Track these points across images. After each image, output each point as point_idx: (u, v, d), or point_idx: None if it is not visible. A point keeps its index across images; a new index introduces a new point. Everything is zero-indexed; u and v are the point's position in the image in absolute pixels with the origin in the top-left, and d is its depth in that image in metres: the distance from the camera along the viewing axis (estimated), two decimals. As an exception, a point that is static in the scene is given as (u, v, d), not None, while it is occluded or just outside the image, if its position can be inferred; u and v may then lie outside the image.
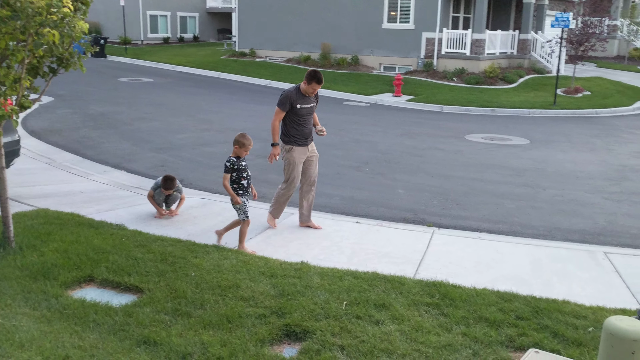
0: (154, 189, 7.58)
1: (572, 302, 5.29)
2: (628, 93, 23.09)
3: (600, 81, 25.40)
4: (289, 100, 7.01)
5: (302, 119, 7.14)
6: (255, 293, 5.06)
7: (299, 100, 7.05)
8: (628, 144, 14.37)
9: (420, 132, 15.33)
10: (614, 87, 24.28)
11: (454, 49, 25.52)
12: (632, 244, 7.40)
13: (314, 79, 6.93)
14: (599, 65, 31.05)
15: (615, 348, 3.82)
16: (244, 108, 18.23)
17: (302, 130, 7.18)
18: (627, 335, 3.79)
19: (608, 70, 29.66)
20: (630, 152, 13.24)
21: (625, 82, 25.62)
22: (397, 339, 4.39)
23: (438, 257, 6.51)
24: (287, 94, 7.06)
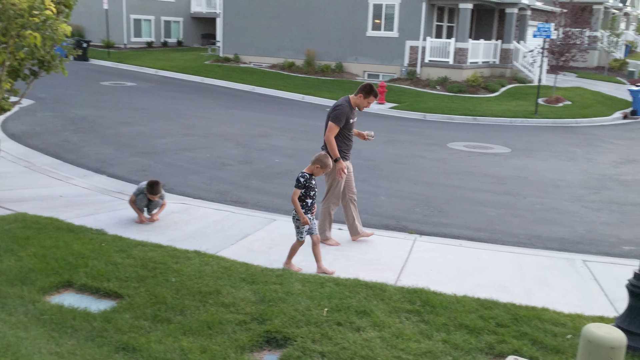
0: (136, 194, 7.50)
1: (551, 309, 5.33)
2: (608, 103, 23.43)
3: (581, 91, 25.75)
4: (345, 115, 6.80)
5: (350, 132, 7.00)
6: (236, 299, 5.04)
7: (351, 114, 6.90)
8: (607, 153, 14.56)
9: (403, 139, 15.40)
10: (594, 97, 24.63)
11: (438, 58, 25.72)
12: (610, 252, 7.48)
13: (371, 92, 6.82)
14: (579, 76, 31.48)
15: (593, 355, 3.85)
16: (228, 113, 18.19)
17: (349, 144, 7.04)
18: (604, 342, 3.83)
19: (588, 80, 30.08)
20: (609, 162, 13.42)
21: (605, 92, 26.00)
22: (378, 345, 4.39)
23: (420, 264, 6.53)
24: (342, 109, 6.81)
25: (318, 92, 23.52)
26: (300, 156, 12.48)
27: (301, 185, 5.97)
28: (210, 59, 32.34)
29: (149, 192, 7.40)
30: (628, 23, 52.35)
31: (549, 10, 31.73)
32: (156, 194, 7.43)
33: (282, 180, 10.47)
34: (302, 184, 5.97)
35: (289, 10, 29.12)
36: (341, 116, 6.79)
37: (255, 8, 30.21)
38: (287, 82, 25.59)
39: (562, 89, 24.83)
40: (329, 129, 6.81)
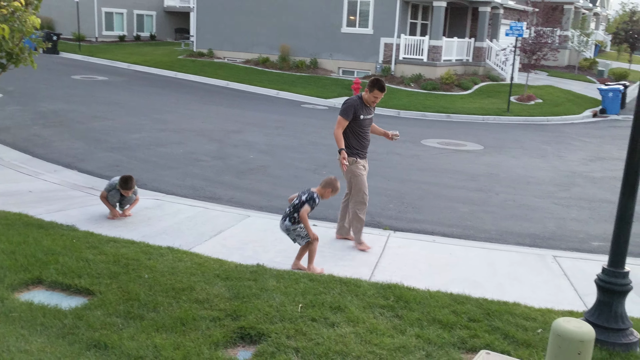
0: (108, 190, 7.38)
1: (522, 304, 5.42)
2: (578, 102, 23.86)
3: (552, 89, 26.17)
4: (353, 109, 6.66)
5: (364, 130, 6.83)
6: (210, 295, 5.00)
7: (362, 110, 6.73)
8: (577, 151, 14.83)
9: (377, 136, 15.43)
10: (565, 95, 25.05)
11: (412, 55, 25.87)
12: (579, 248, 7.63)
13: (375, 86, 6.62)
14: (550, 74, 31.97)
15: (563, 349, 3.92)
16: (201, 109, 18.04)
17: (364, 142, 6.88)
18: (573, 336, 3.90)
19: (559, 79, 30.58)
20: (579, 159, 13.67)
21: (576, 91, 26.47)
22: (352, 341, 4.40)
23: (393, 260, 6.58)
24: (351, 102, 6.71)
25: (293, 87, 23.48)
26: (275, 152, 12.45)
27: (314, 206, 5.94)
28: (183, 53, 32.04)
29: (122, 187, 7.29)
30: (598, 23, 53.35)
31: (521, 9, 32.14)
32: (129, 189, 7.33)
33: (256, 176, 10.44)
34: (315, 205, 5.95)
35: (263, 5, 28.99)
36: (348, 110, 6.67)
37: (230, 3, 30.01)
38: (261, 77, 25.49)
39: (533, 87, 25.20)
40: (337, 122, 6.73)
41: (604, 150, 15.16)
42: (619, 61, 40.56)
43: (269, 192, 9.48)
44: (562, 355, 3.93)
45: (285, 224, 5.99)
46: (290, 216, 5.95)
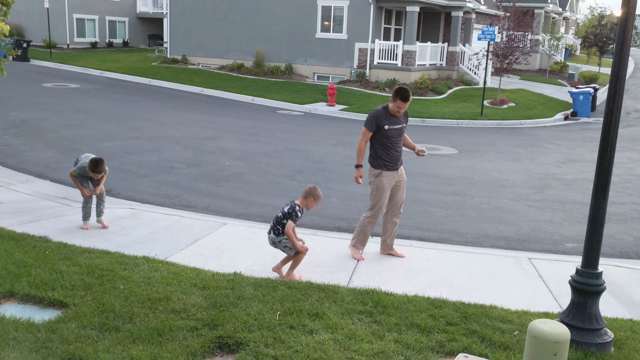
0: (78, 172, 7.22)
1: (499, 307, 5.47)
2: (550, 105, 24.23)
3: (524, 93, 26.55)
4: (376, 120, 6.51)
5: (391, 140, 6.63)
6: (187, 305, 4.95)
7: (387, 120, 6.54)
8: (550, 153, 15.05)
9: (354, 141, 15.47)
10: (537, 99, 25.43)
11: (386, 60, 26.03)
12: (553, 250, 7.73)
13: (398, 96, 6.45)
14: (522, 78, 32.44)
15: (539, 350, 3.96)
16: (176, 116, 17.90)
17: (392, 153, 6.66)
18: (549, 337, 3.95)
19: (531, 82, 31.05)
20: (552, 162, 13.87)
21: (547, 94, 26.88)
22: (331, 347, 4.39)
23: (371, 265, 6.59)
24: (374, 113, 6.57)
25: (268, 93, 23.44)
26: (251, 159, 12.41)
27: (297, 220, 5.90)
28: (157, 60, 31.79)
29: (93, 170, 7.07)
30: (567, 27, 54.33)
31: (493, 14, 32.58)
32: (100, 172, 7.15)
33: (232, 183, 10.38)
34: (299, 218, 5.91)
35: (237, 11, 28.92)
36: (371, 120, 6.53)
37: (203, 8, 29.88)
38: (236, 83, 25.40)
39: (506, 91, 25.53)
40: (361, 133, 6.64)
41: (576, 152, 15.41)
42: (588, 64, 41.34)
43: (245, 199, 9.43)
44: (538, 357, 3.98)
45: (271, 236, 5.97)
46: (274, 228, 5.92)
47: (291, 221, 5.85)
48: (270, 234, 5.98)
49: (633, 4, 4.46)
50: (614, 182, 10.91)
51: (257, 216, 8.56)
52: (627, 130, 19.30)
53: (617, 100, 4.57)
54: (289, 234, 5.84)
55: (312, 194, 5.99)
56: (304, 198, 6.00)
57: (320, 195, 6.06)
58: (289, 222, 5.85)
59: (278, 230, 5.90)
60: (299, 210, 5.92)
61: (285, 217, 5.88)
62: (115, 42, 40.30)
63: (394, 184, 6.78)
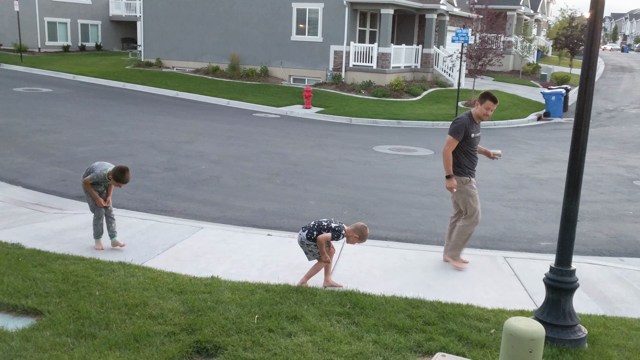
0: (95, 180, 6.56)
1: (475, 305, 5.53)
2: (523, 105, 24.57)
3: (498, 94, 26.77)
4: (464, 128, 6.51)
5: (473, 148, 6.70)
6: (164, 310, 4.92)
7: (472, 128, 6.60)
8: (524, 153, 15.26)
9: (330, 143, 15.55)
10: (510, 100, 25.76)
11: (361, 62, 26.14)
12: (528, 248, 7.84)
13: (487, 97, 6.55)
14: (496, 79, 32.85)
15: (515, 348, 4.02)
16: (151, 120, 17.75)
17: (474, 160, 6.75)
18: (525, 335, 4.00)
19: (504, 83, 31.45)
20: (526, 162, 14.07)
21: (520, 95, 27.26)
22: (310, 350, 4.40)
23: (349, 267, 6.61)
24: (461, 122, 6.55)
25: (244, 96, 23.37)
26: (227, 162, 12.36)
27: (335, 240, 5.87)
28: (131, 63, 31.49)
29: (119, 179, 6.41)
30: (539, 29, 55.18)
31: (466, 16, 32.95)
32: (126, 182, 6.51)
33: (208, 187, 10.32)
34: (336, 240, 5.89)
35: (212, 14, 28.79)
36: (459, 129, 6.51)
37: (177, 12, 29.68)
38: (211, 86, 25.27)
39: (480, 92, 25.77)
40: (447, 142, 6.56)
41: (549, 152, 15.65)
42: (560, 65, 42.04)
43: (222, 202, 9.39)
44: (514, 354, 4.03)
45: (302, 235, 5.89)
46: (310, 231, 5.84)
47: (329, 234, 5.79)
48: (305, 232, 5.87)
49: (601, 7, 4.55)
50: (586, 181, 11.12)
51: (234, 220, 8.53)
52: (599, 130, 19.66)
53: (587, 100, 4.65)
54: (321, 243, 5.79)
55: (360, 232, 5.90)
56: (353, 230, 5.92)
57: (367, 237, 5.96)
58: (327, 234, 5.79)
59: (312, 234, 5.83)
60: (343, 234, 5.88)
61: (328, 230, 5.83)
62: (87, 45, 39.83)
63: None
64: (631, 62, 54.65)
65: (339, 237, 5.87)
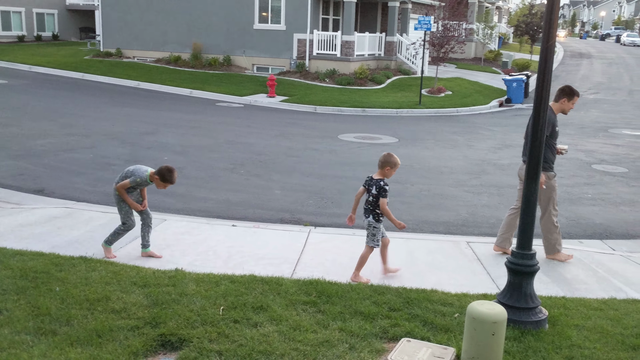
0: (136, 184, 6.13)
1: (440, 290, 5.60)
2: (485, 92, 24.89)
3: (460, 81, 27.17)
4: (552, 123, 6.53)
5: (556, 142, 6.74)
6: (127, 304, 4.84)
7: (556, 122, 6.67)
8: (486, 140, 15.48)
9: (295, 132, 15.50)
10: (473, 87, 26.08)
11: (325, 51, 26.08)
12: (490, 233, 7.96)
13: (574, 93, 6.64)
14: (458, 67, 33.18)
15: (478, 331, 4.09)
16: (112, 111, 17.40)
17: (555, 154, 6.77)
18: (487, 318, 4.07)
19: (467, 71, 31.79)
20: (488, 148, 14.27)
21: (482, 82, 27.60)
22: (276, 339, 4.39)
23: (315, 256, 6.61)
24: (549, 117, 6.41)
25: (207, 86, 23.10)
26: (191, 153, 12.21)
27: (386, 193, 5.75)
28: (90, 53, 30.77)
29: (168, 180, 6.08)
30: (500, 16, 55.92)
31: (429, 3, 33.14)
32: (174, 182, 6.20)
33: (172, 178, 10.17)
34: (387, 192, 5.76)
35: (173, 2, 28.30)
36: (548, 124, 6.25)
37: (137, 0, 29.08)
38: (173, 76, 24.90)
39: (443, 80, 26.05)
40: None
41: (510, 138, 15.90)
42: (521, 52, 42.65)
43: (185, 194, 9.28)
44: (477, 337, 4.10)
45: (369, 220, 5.83)
46: (373, 213, 5.80)
47: (383, 198, 5.70)
48: (369, 217, 5.81)
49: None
50: (546, 165, 11.34)
51: (198, 211, 8.44)
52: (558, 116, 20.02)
53: (546, 87, 4.73)
54: (385, 210, 5.71)
55: (388, 162, 5.79)
56: (381, 168, 5.82)
57: (397, 161, 5.85)
58: (381, 200, 5.70)
59: (377, 214, 5.77)
60: (385, 185, 5.76)
61: (376, 197, 5.73)
62: (44, 35, 38.78)
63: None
64: (589, 48, 55.87)
65: (385, 188, 5.75)
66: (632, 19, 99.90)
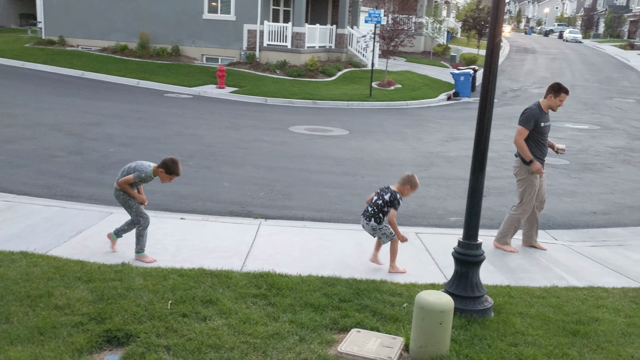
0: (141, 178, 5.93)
1: (389, 281, 5.67)
2: (434, 86, 25.28)
3: (410, 75, 27.49)
4: (534, 118, 6.73)
5: (544, 137, 6.87)
6: (71, 300, 4.70)
7: (542, 117, 6.78)
8: (434, 132, 15.73)
9: (245, 124, 15.37)
10: (422, 80, 26.43)
11: (276, 42, 25.92)
12: (438, 224, 8.11)
13: (562, 89, 6.70)
14: (408, 60, 33.57)
15: (426, 320, 4.15)
16: (55, 101, 16.83)
17: (543, 150, 6.91)
18: (434, 307, 4.14)
19: (416, 64, 32.20)
20: (436, 141, 14.51)
21: (431, 75, 28.01)
22: (225, 333, 4.35)
23: (265, 248, 6.58)
24: (531, 112, 6.77)
25: (154, 76, 22.62)
26: (138, 144, 11.94)
27: (399, 206, 5.92)
28: (31, 41, 29.61)
29: (173, 171, 5.87)
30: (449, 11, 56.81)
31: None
32: (180, 174, 5.97)
33: (118, 170, 9.91)
34: (400, 205, 5.91)
35: (119, -10, 27.52)
36: (529, 118, 6.74)
37: (82, -13, 28.15)
38: (120, 66, 24.27)
39: (393, 73, 26.31)
40: (518, 132, 6.79)
41: (458, 131, 16.22)
42: (468, 47, 43.53)
43: (133, 186, 9.06)
44: (425, 326, 4.17)
45: (372, 224, 6.00)
46: (376, 216, 5.96)
47: (394, 209, 5.89)
48: (371, 221, 5.99)
49: (503, -11, 4.70)
50: (491, 158, 11.62)
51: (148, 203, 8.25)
52: (504, 109, 20.56)
53: (491, 81, 4.82)
54: (393, 222, 5.89)
55: (410, 181, 6.00)
56: (402, 185, 6.01)
57: (418, 184, 6.07)
58: (392, 210, 5.89)
59: (380, 218, 5.95)
60: (400, 199, 5.94)
61: (386, 205, 5.91)
62: (-18, 21, 37.08)
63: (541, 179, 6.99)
64: (534, 44, 57.50)
65: (399, 202, 5.94)
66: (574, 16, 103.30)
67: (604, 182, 11.07)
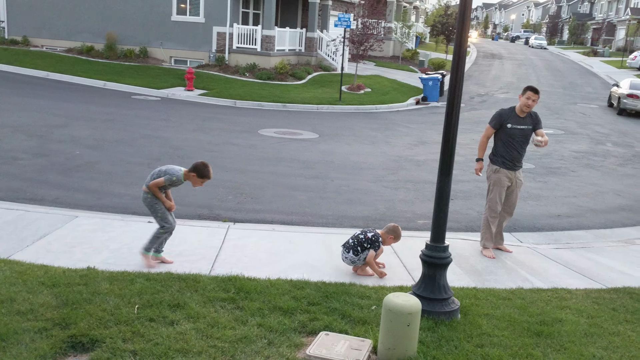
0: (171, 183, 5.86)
1: (357, 284, 5.69)
2: (402, 90, 25.51)
3: (379, 79, 27.69)
4: (501, 118, 6.89)
5: (513, 140, 6.89)
6: (34, 305, 4.60)
7: (511, 119, 6.85)
8: (403, 136, 15.87)
9: (214, 127, 15.27)
10: (391, 84, 26.65)
11: (245, 45, 25.83)
12: (407, 227, 8.15)
13: (527, 88, 6.83)
14: (377, 64, 33.81)
15: (394, 322, 4.18)
16: (18, 102, 16.46)
17: (512, 152, 6.92)
18: (402, 309, 4.18)
19: (385, 69, 32.45)
20: (405, 144, 14.64)
21: (400, 80, 28.27)
22: (193, 337, 4.31)
23: (234, 252, 6.54)
24: (499, 112, 6.98)
25: (122, 78, 22.33)
26: (104, 147, 11.76)
27: (378, 248, 6.07)
28: (-6, 41, 28.95)
29: (204, 175, 5.80)
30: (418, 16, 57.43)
31: (348, 1, 33.52)
32: (211, 177, 5.90)
33: (84, 173, 9.78)
34: (378, 249, 6.07)
35: (85, -10, 27.10)
36: (495, 117, 6.95)
37: (47, -14, 27.64)
38: (86, 67, 23.88)
39: (362, 77, 26.46)
40: (485, 129, 7.06)
41: (426, 135, 16.39)
42: (437, 52, 44.04)
43: (98, 189, 8.93)
44: (393, 329, 4.20)
45: (350, 256, 6.07)
46: (354, 249, 6.04)
47: (373, 251, 6.03)
48: (350, 253, 6.06)
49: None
50: (458, 162, 11.76)
51: (112, 207, 8.14)
52: (471, 114, 20.85)
53: (458, 86, 4.90)
54: (371, 263, 6.04)
55: (394, 232, 6.21)
56: (386, 232, 6.19)
57: (401, 236, 6.30)
58: (371, 252, 6.02)
59: (358, 251, 6.03)
60: (381, 242, 6.10)
61: (367, 242, 6.03)
62: (-58, 20, 36.06)
63: (510, 184, 7.05)
64: (500, 49, 58.49)
65: (379, 245, 6.10)
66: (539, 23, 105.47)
67: (567, 186, 11.32)
